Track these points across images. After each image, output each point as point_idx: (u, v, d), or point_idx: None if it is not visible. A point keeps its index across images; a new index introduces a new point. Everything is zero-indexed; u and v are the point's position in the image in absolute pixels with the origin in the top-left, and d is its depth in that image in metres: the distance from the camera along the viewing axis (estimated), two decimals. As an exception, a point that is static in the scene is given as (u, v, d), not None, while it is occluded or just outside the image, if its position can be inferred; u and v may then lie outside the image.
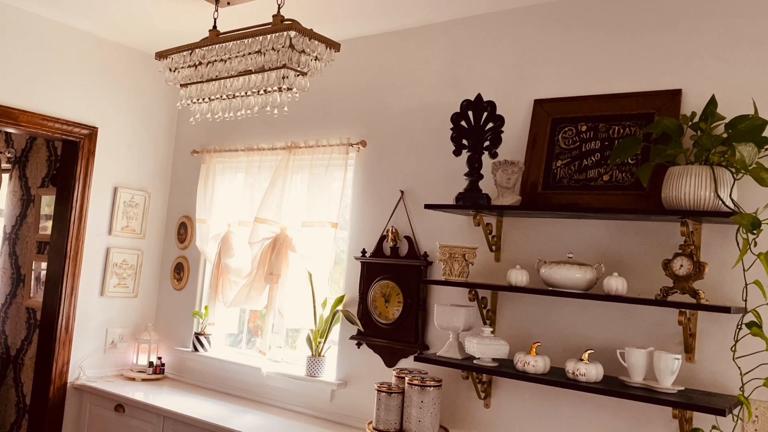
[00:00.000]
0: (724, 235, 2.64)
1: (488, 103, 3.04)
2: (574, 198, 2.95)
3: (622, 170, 2.88)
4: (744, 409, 2.37)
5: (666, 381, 2.52)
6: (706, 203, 2.45)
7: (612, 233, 2.90)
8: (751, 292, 2.42)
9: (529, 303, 3.06)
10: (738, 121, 2.43)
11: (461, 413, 3.22)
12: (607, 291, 2.61)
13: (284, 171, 3.96)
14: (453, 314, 2.98)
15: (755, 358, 2.41)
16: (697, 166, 2.48)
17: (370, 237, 3.65)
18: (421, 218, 3.48)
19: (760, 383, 2.41)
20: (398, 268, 3.48)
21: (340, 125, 3.86)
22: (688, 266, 2.49)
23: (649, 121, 2.86)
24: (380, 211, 3.63)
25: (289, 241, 3.88)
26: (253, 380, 3.98)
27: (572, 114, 3.07)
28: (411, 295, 3.42)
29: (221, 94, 3.19)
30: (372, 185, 3.70)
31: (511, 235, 3.17)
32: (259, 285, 3.94)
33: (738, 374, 2.52)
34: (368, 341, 3.57)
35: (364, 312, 3.59)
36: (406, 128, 3.60)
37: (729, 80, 2.70)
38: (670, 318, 2.72)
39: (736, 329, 2.39)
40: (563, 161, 3.04)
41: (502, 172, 2.94)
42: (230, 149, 4.30)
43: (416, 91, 3.58)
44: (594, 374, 2.62)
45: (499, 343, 2.85)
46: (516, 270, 2.83)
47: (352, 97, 3.83)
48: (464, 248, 2.95)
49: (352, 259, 3.71)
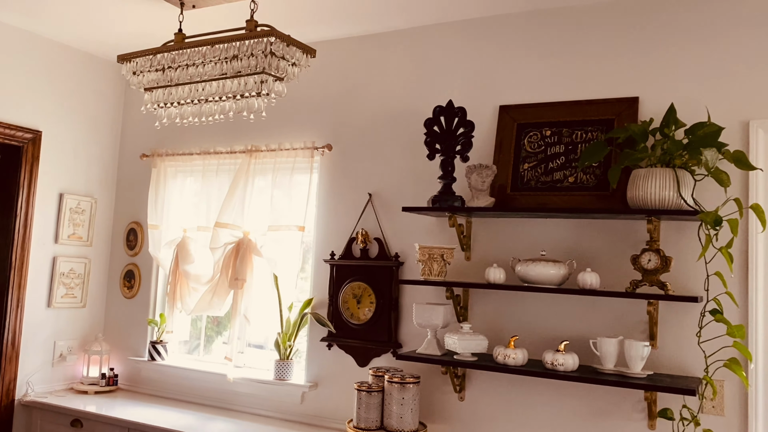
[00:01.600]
0: (679, 232, 2.90)
1: (459, 109, 3.17)
2: (542, 199, 3.14)
3: (586, 172, 3.09)
4: (708, 388, 2.62)
5: (636, 366, 2.74)
6: (670, 202, 2.68)
7: (577, 231, 3.10)
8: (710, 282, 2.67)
9: (501, 299, 3.22)
10: (697, 127, 2.68)
11: (437, 407, 3.34)
12: (582, 285, 2.80)
13: (245, 175, 3.94)
14: (432, 312, 3.09)
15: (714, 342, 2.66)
16: (660, 169, 2.71)
17: (339, 239, 3.70)
18: (390, 220, 3.57)
19: (718, 364, 2.67)
20: (369, 269, 3.55)
21: (304, 129, 3.88)
22: (655, 260, 2.71)
23: (610, 126, 3.08)
24: (348, 214, 3.69)
25: (254, 245, 3.86)
26: (218, 387, 3.94)
27: (537, 119, 3.25)
28: (383, 295, 3.50)
29: (193, 98, 3.15)
30: (339, 188, 3.75)
31: (480, 235, 3.32)
32: (223, 291, 3.91)
33: (697, 357, 2.78)
34: (339, 342, 3.62)
35: (335, 314, 3.64)
36: (373, 132, 3.67)
37: (681, 89, 2.96)
38: (634, 309, 2.95)
39: (701, 317, 2.64)
40: (530, 164, 3.22)
41: (477, 176, 3.08)
42: (184, 153, 4.22)
43: (383, 96, 3.67)
44: (571, 363, 2.80)
45: (478, 338, 2.99)
46: (493, 268, 2.97)
47: (317, 101, 3.86)
48: (443, 249, 3.06)
49: (319, 262, 3.75)
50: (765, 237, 2.76)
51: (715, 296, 2.63)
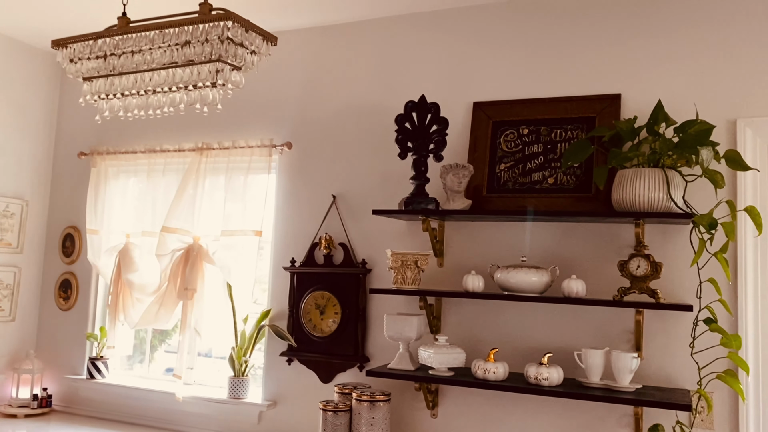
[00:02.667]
0: (665, 236, 2.75)
1: (432, 105, 2.95)
2: (520, 201, 2.95)
3: (566, 173, 2.91)
4: (702, 401, 2.47)
5: (624, 380, 2.57)
6: (659, 205, 2.53)
7: (557, 236, 2.92)
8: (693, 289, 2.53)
9: (477, 308, 3.01)
10: (687, 125, 2.53)
11: (408, 426, 3.10)
12: (567, 293, 2.61)
13: (195, 175, 3.62)
14: (405, 324, 2.85)
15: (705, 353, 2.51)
16: (649, 169, 2.55)
17: (300, 245, 3.43)
18: (356, 224, 3.31)
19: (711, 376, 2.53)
20: (334, 277, 3.29)
21: (262, 125, 3.59)
22: (645, 267, 2.55)
23: (591, 124, 2.92)
24: (310, 218, 3.42)
25: (205, 252, 3.55)
26: (166, 407, 3.60)
27: (513, 117, 3.06)
28: (349, 305, 3.25)
29: (139, 89, 2.82)
30: (300, 190, 3.47)
31: (453, 240, 3.11)
32: (171, 301, 3.57)
33: (686, 369, 2.64)
34: (301, 357, 3.34)
35: (296, 326, 3.36)
36: (337, 129, 3.42)
37: (665, 86, 2.82)
38: (619, 318, 2.78)
39: (693, 326, 2.48)
40: (507, 164, 3.03)
41: (453, 176, 2.86)
42: (127, 151, 3.86)
43: (348, 91, 3.42)
44: (556, 377, 2.61)
45: (455, 352, 2.77)
46: (472, 275, 2.76)
47: (276, 95, 3.58)
48: (417, 255, 2.83)
49: (278, 270, 3.46)
50: (754, 242, 2.63)
51: (707, 304, 2.48)
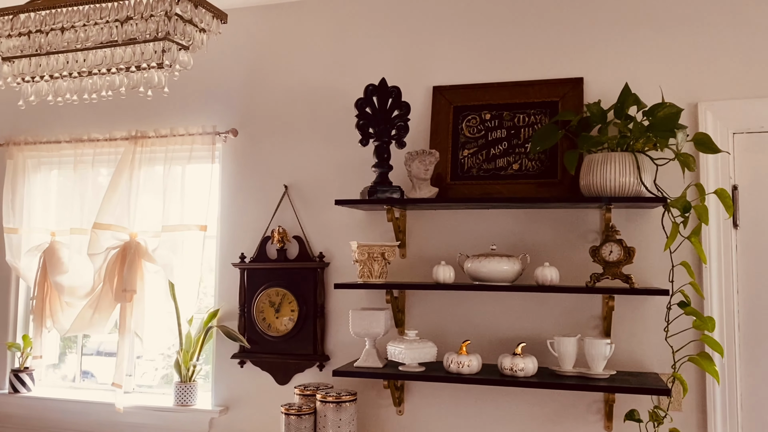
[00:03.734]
0: (631, 221, 2.74)
1: (393, 89, 2.82)
2: (485, 188, 2.86)
3: (531, 159, 2.86)
4: (677, 385, 2.47)
5: (598, 366, 2.54)
6: (629, 189, 2.50)
7: (523, 223, 2.87)
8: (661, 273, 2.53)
9: (443, 300, 2.92)
10: (655, 108, 2.51)
11: (374, 425, 2.97)
12: (541, 281, 2.55)
13: (129, 166, 3.33)
14: (372, 319, 2.71)
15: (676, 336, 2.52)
16: (619, 153, 2.52)
17: (250, 239, 3.21)
18: (311, 215, 3.14)
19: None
20: (289, 272, 3.10)
21: (203, 111, 3.33)
22: (618, 252, 2.52)
23: (554, 109, 2.87)
24: (260, 210, 3.21)
25: (144, 249, 3.27)
26: (104, 419, 3.30)
27: (475, 102, 2.97)
28: (306, 301, 3.07)
29: (71, 71, 2.53)
30: (248, 180, 3.25)
31: (416, 229, 2.99)
32: (106, 305, 3.28)
33: (655, 353, 2.65)
34: (254, 358, 3.14)
35: (248, 325, 3.16)
36: (287, 115, 3.22)
37: (627, 69, 2.80)
38: (587, 304, 2.76)
39: (667, 310, 2.48)
40: (470, 150, 2.93)
41: (419, 163, 2.74)
42: (49, 141, 3.50)
43: (298, 73, 3.22)
44: (531, 368, 2.55)
45: (427, 346, 2.66)
46: (442, 266, 2.65)
47: (218, 78, 3.32)
48: (384, 246, 2.70)
49: (226, 267, 3.24)
50: (717, 225, 2.66)
51: (679, 288, 2.48)
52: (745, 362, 2.62)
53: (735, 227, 2.67)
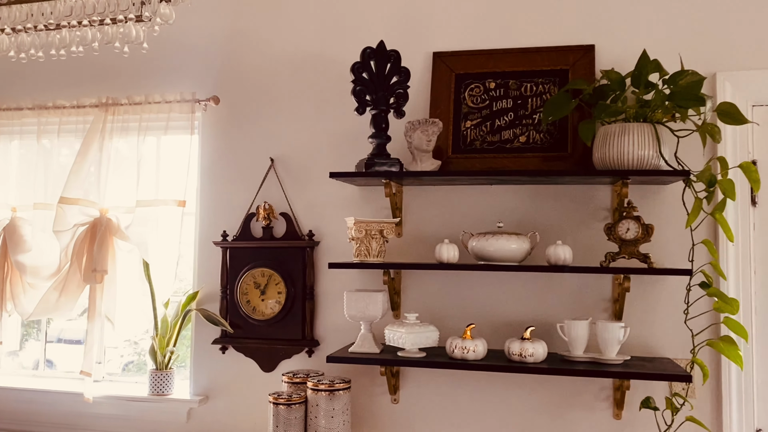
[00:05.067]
0: (645, 197, 2.57)
1: (392, 53, 2.60)
2: (489, 162, 2.68)
3: (539, 131, 2.67)
4: (696, 371, 2.33)
5: (611, 351, 2.39)
6: (648, 163, 2.34)
7: (527, 200, 2.69)
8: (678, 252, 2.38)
9: (441, 281, 2.73)
10: (677, 76, 2.34)
11: (367, 413, 2.78)
12: (554, 261, 2.38)
13: (100, 136, 3.05)
14: (369, 301, 2.51)
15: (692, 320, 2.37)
16: (638, 124, 2.35)
17: (233, 216, 2.97)
18: (299, 191, 2.91)
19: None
20: (275, 251, 2.88)
21: (181, 76, 3.07)
22: (635, 229, 2.36)
23: (563, 77, 2.69)
24: (244, 184, 2.97)
25: (115, 226, 3.01)
26: (72, 410, 3.04)
27: (478, 69, 2.77)
28: (294, 283, 2.85)
29: (36, 23, 2.26)
30: (230, 152, 3.01)
31: (413, 206, 2.79)
32: (74, 286, 3.01)
33: (668, 336, 2.51)
34: (237, 344, 2.91)
35: (231, 309, 2.93)
36: (274, 81, 2.97)
37: (640, 37, 2.63)
38: (596, 285, 2.60)
39: (687, 291, 2.33)
40: (473, 122, 2.74)
41: (422, 133, 2.53)
42: (9, 108, 3.20)
43: (286, 36, 2.97)
44: (541, 353, 2.38)
45: (428, 330, 2.47)
46: (446, 245, 2.46)
47: (199, 40, 3.06)
48: (382, 223, 2.49)
49: (207, 245, 3.00)
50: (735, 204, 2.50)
51: (699, 268, 2.33)
52: (763, 347, 2.49)
53: (753, 205, 2.53)
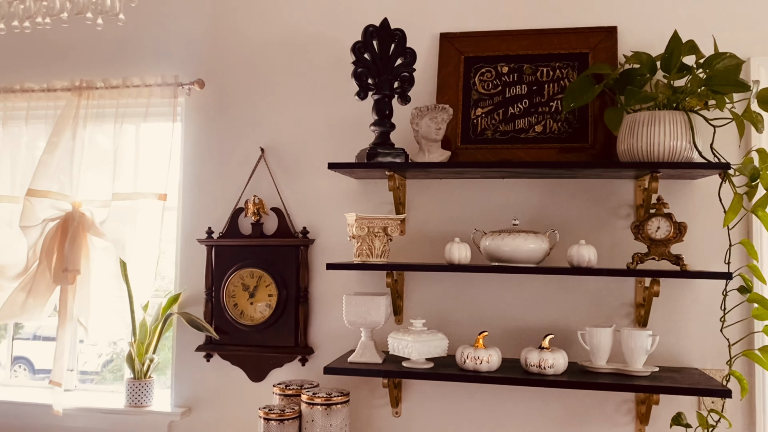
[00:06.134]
0: (672, 194, 2.35)
1: (397, 32, 2.36)
2: (503, 153, 2.45)
3: (557, 120, 2.45)
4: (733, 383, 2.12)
5: (638, 362, 2.17)
6: (681, 155, 2.12)
7: (541, 195, 2.47)
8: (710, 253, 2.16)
9: (447, 284, 2.50)
10: (713, 60, 2.13)
11: (366, 426, 2.54)
12: (577, 262, 2.15)
13: (73, 122, 2.78)
14: (371, 306, 2.27)
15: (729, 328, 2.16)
16: (669, 112, 2.13)
17: (219, 211, 2.72)
18: (293, 184, 2.66)
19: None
20: (266, 250, 2.63)
21: (163, 58, 2.81)
22: (666, 228, 2.14)
23: (583, 62, 2.46)
24: (231, 177, 2.72)
25: (90, 222, 2.74)
26: (41, 423, 2.77)
27: (489, 52, 2.54)
28: (287, 285, 2.60)
29: (-4, -11, 1.99)
30: (216, 141, 2.75)
31: (417, 201, 2.56)
32: (43, 287, 2.74)
33: (698, 345, 2.31)
34: (223, 351, 2.66)
35: (216, 312, 2.67)
36: (265, 64, 2.72)
37: (666, 19, 2.41)
38: (616, 289, 2.39)
39: (723, 296, 2.11)
40: (484, 109, 2.51)
41: (430, 120, 2.30)
42: (-28, 91, 2.92)
43: (280, 14, 2.72)
44: (562, 363, 2.16)
45: (437, 338, 2.23)
46: (457, 244, 2.22)
47: (182, 17, 2.80)
48: (386, 219, 2.25)
49: (190, 243, 2.74)
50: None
51: (738, 271, 2.12)
52: (800, 358, 2.29)
53: (787, 202, 2.32)
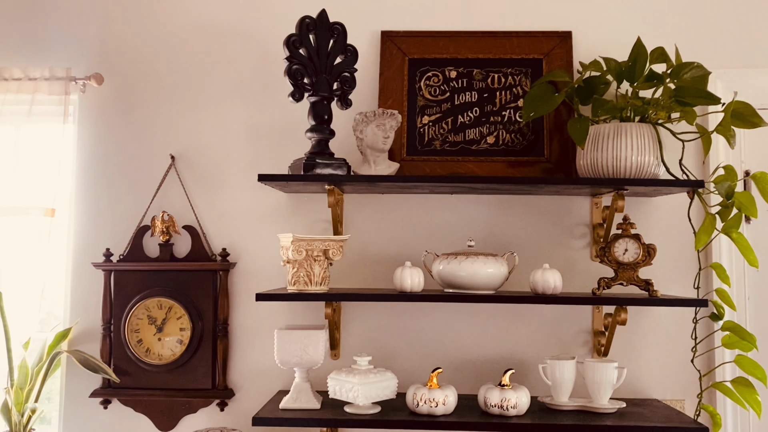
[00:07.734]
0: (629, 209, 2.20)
1: (337, 26, 2.06)
2: (453, 166, 2.21)
3: (509, 130, 2.23)
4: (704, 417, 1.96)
5: (603, 397, 1.98)
6: (647, 170, 1.96)
7: (491, 211, 2.26)
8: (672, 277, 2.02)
9: (390, 314, 2.24)
10: (680, 69, 1.98)
11: (297, 482, 2.20)
12: (542, 289, 1.93)
13: (-67, 121, 2.28)
14: (308, 342, 1.94)
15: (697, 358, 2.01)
16: (636, 125, 1.96)
17: (119, 230, 2.30)
18: (210, 198, 2.30)
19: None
20: (177, 276, 2.23)
21: (52, 46, 2.36)
22: (635, 250, 1.96)
23: (537, 68, 2.27)
24: (134, 189, 2.31)
25: (-46, 242, 2.24)
26: None
27: (436, 54, 2.30)
28: (202, 316, 2.22)
29: None
30: (116, 147, 2.33)
31: (355, 219, 2.27)
32: None
33: (659, 377, 2.16)
34: (125, 396, 2.24)
35: (117, 350, 2.24)
36: (178, 57, 2.34)
37: (622, 25, 2.28)
38: (571, 315, 2.21)
39: (694, 323, 1.95)
40: (431, 117, 2.26)
41: (377, 128, 2.01)
42: None
43: (195, 4, 2.35)
44: (525, 403, 1.92)
45: (386, 378, 1.94)
46: (408, 269, 1.94)
47: (75, 3, 2.37)
48: (327, 241, 1.93)
49: (84, 267, 2.29)
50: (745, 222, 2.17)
51: (705, 296, 1.98)
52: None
53: (747, 221, 2.22)
